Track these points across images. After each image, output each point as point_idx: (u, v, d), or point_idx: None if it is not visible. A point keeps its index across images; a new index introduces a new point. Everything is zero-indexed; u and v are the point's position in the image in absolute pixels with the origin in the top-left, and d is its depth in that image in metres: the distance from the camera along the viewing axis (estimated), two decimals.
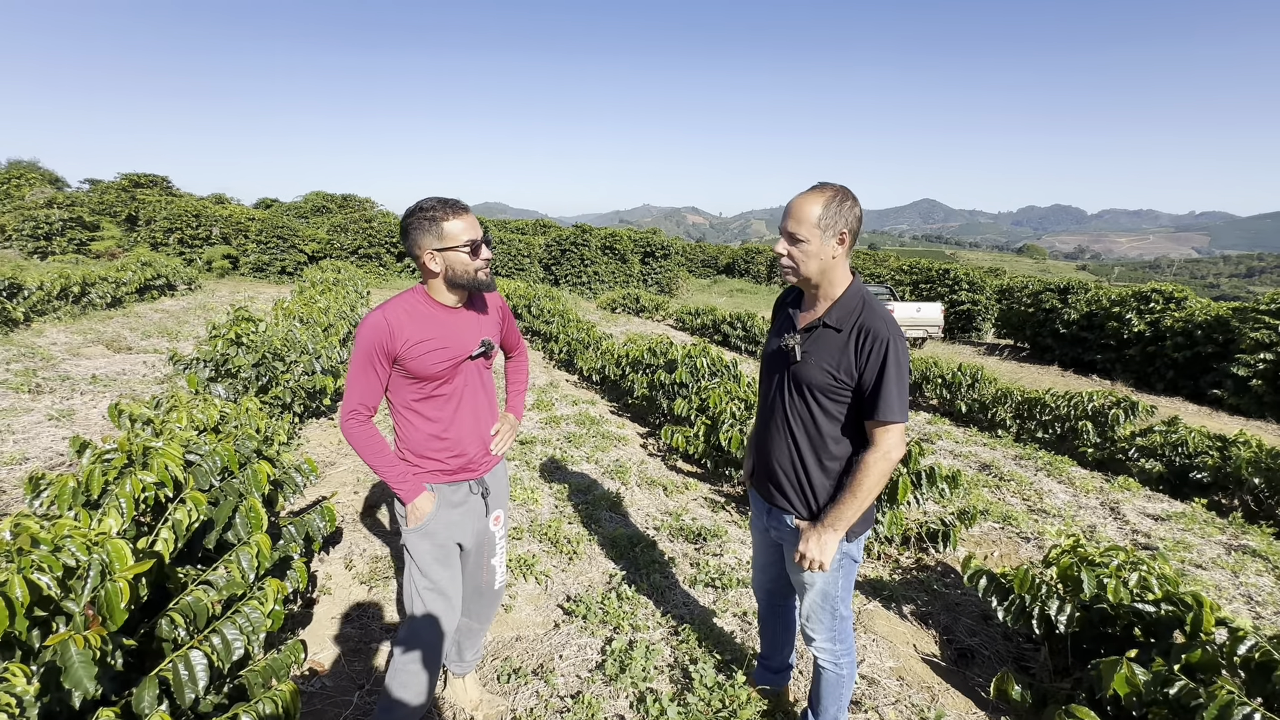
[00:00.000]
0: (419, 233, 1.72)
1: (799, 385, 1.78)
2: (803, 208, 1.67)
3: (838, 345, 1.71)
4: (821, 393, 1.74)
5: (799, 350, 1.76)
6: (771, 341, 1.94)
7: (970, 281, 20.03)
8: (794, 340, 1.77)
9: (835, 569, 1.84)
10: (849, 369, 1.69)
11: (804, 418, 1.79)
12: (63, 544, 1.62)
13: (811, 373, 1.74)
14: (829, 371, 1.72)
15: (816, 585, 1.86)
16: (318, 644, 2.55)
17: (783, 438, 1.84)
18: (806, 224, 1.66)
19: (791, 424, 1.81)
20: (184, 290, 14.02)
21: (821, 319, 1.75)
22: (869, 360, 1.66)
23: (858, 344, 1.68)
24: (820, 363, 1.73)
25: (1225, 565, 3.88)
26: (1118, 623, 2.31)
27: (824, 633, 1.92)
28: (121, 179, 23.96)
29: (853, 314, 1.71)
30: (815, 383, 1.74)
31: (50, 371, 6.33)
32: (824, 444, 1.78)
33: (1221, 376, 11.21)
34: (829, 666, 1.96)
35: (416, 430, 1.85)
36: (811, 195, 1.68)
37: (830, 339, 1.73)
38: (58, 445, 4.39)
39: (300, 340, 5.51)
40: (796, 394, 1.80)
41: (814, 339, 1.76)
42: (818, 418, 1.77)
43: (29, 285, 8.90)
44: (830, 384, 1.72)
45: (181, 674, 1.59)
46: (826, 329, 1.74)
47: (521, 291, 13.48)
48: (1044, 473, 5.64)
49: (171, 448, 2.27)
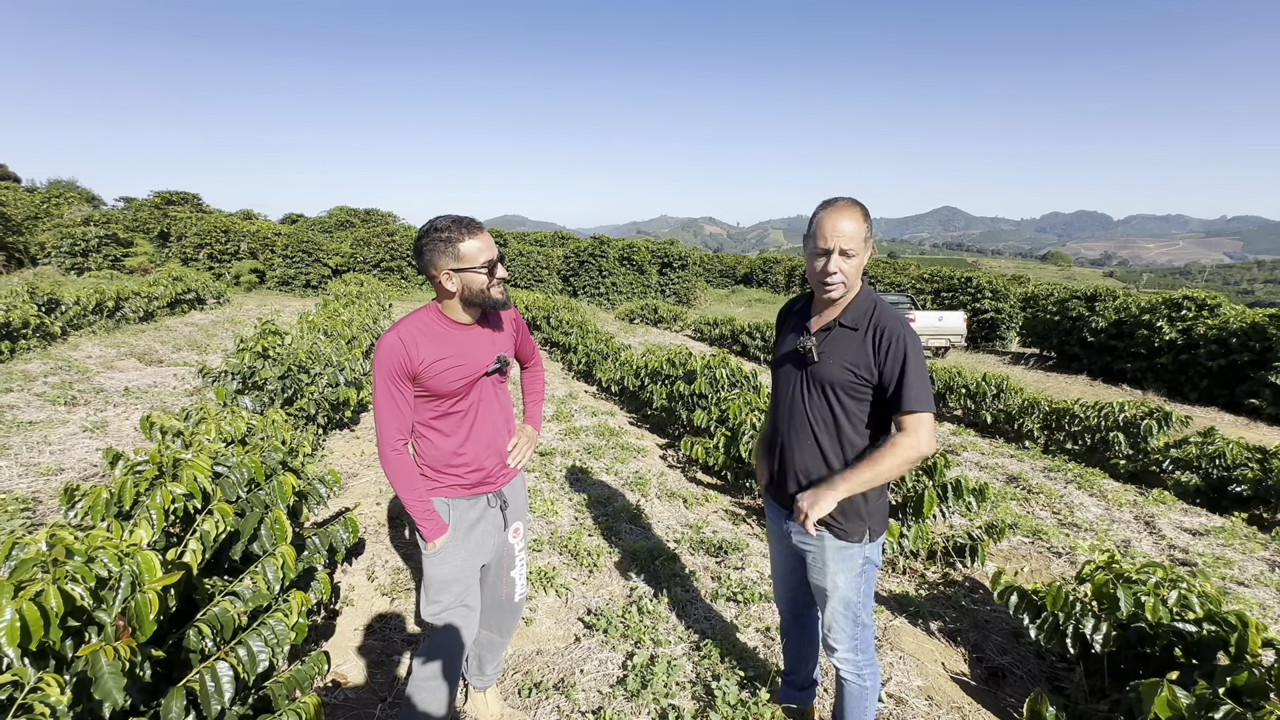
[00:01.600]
0: (435, 253, 1.72)
1: (819, 385, 1.80)
2: (851, 224, 1.69)
3: (855, 343, 1.75)
4: (843, 390, 1.77)
5: (816, 351, 1.79)
6: (783, 346, 1.96)
7: (993, 289, 19.69)
8: (810, 341, 1.80)
9: (856, 574, 1.84)
10: (869, 366, 1.73)
11: (825, 418, 1.81)
12: (96, 555, 1.65)
13: (832, 371, 1.77)
14: (849, 369, 1.75)
15: (839, 591, 1.85)
16: (340, 655, 2.56)
17: (804, 440, 1.84)
18: (856, 239, 1.70)
19: (814, 425, 1.82)
20: (213, 304, 14.37)
21: (837, 320, 1.79)
22: (888, 356, 1.70)
23: (875, 341, 1.72)
24: (840, 361, 1.76)
25: (1269, 583, 3.73)
26: (1157, 643, 2.23)
27: (846, 641, 1.90)
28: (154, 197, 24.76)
29: (866, 314, 1.76)
30: (836, 380, 1.76)
31: (85, 384, 6.51)
32: (847, 444, 1.80)
33: (1259, 385, 10.84)
34: (851, 678, 1.93)
35: (435, 448, 1.86)
36: (851, 212, 1.70)
37: (847, 338, 1.77)
38: (92, 456, 4.50)
39: (324, 353, 5.60)
40: (818, 394, 1.81)
41: (830, 339, 1.80)
42: (839, 417, 1.79)
43: (66, 300, 9.19)
44: (851, 380, 1.75)
45: (208, 686, 1.61)
46: (843, 329, 1.78)
47: (540, 303, 13.58)
48: (1074, 485, 5.49)
49: (200, 460, 2.31)
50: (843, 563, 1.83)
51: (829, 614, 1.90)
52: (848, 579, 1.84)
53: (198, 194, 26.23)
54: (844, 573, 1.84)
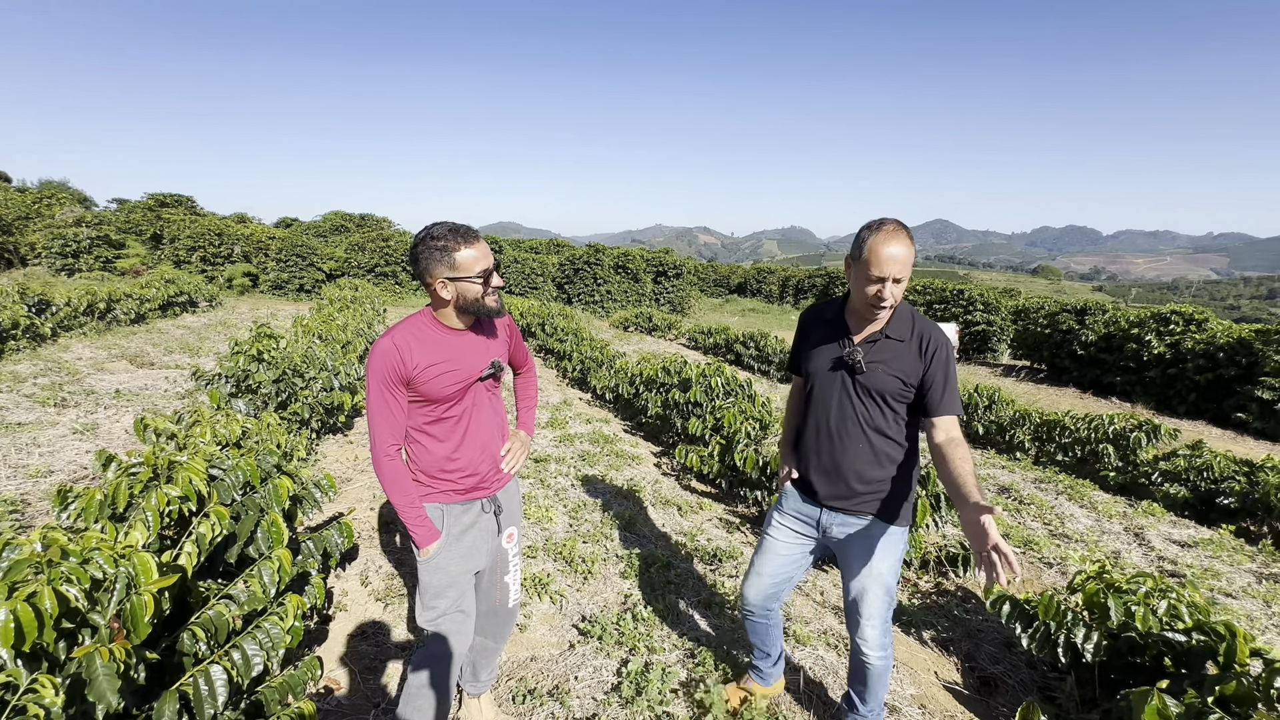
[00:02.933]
0: (430, 261, 1.72)
1: (869, 392, 1.92)
2: (902, 249, 1.76)
3: (902, 353, 1.89)
4: (893, 397, 1.90)
5: (864, 361, 1.90)
6: (819, 354, 2.02)
7: (985, 302, 19.86)
8: (858, 353, 1.91)
9: (898, 558, 2.00)
10: (915, 373, 1.88)
11: (877, 422, 1.93)
12: (90, 556, 1.64)
13: (881, 380, 1.89)
14: (898, 378, 1.88)
15: (882, 577, 1.98)
16: (333, 661, 2.55)
17: (857, 443, 1.95)
18: (907, 266, 1.77)
19: (865, 429, 1.94)
20: (205, 307, 14.28)
21: (883, 331, 1.91)
22: (933, 361, 1.86)
23: (921, 349, 1.87)
24: (890, 370, 1.89)
25: (1256, 594, 3.77)
26: (1147, 652, 2.25)
27: (880, 626, 2.00)
28: (148, 198, 24.62)
29: (910, 325, 1.91)
30: (887, 389, 1.89)
31: (75, 386, 6.45)
32: (892, 443, 1.95)
33: (1245, 400, 10.99)
34: (879, 661, 2.02)
35: (428, 453, 1.86)
36: (901, 238, 1.77)
37: (894, 348, 1.90)
38: (82, 459, 4.45)
39: (319, 357, 5.58)
40: (869, 401, 1.93)
41: (877, 349, 1.91)
42: (890, 420, 1.93)
43: (57, 301, 9.11)
44: (900, 389, 1.89)
45: (202, 689, 1.60)
46: (889, 340, 1.90)
47: (535, 310, 13.58)
48: (1065, 496, 5.54)
49: (195, 462, 2.30)
50: (890, 547, 1.97)
51: (870, 601, 1.98)
52: (891, 563, 1.98)
53: (191, 196, 26.10)
54: (890, 557, 1.98)
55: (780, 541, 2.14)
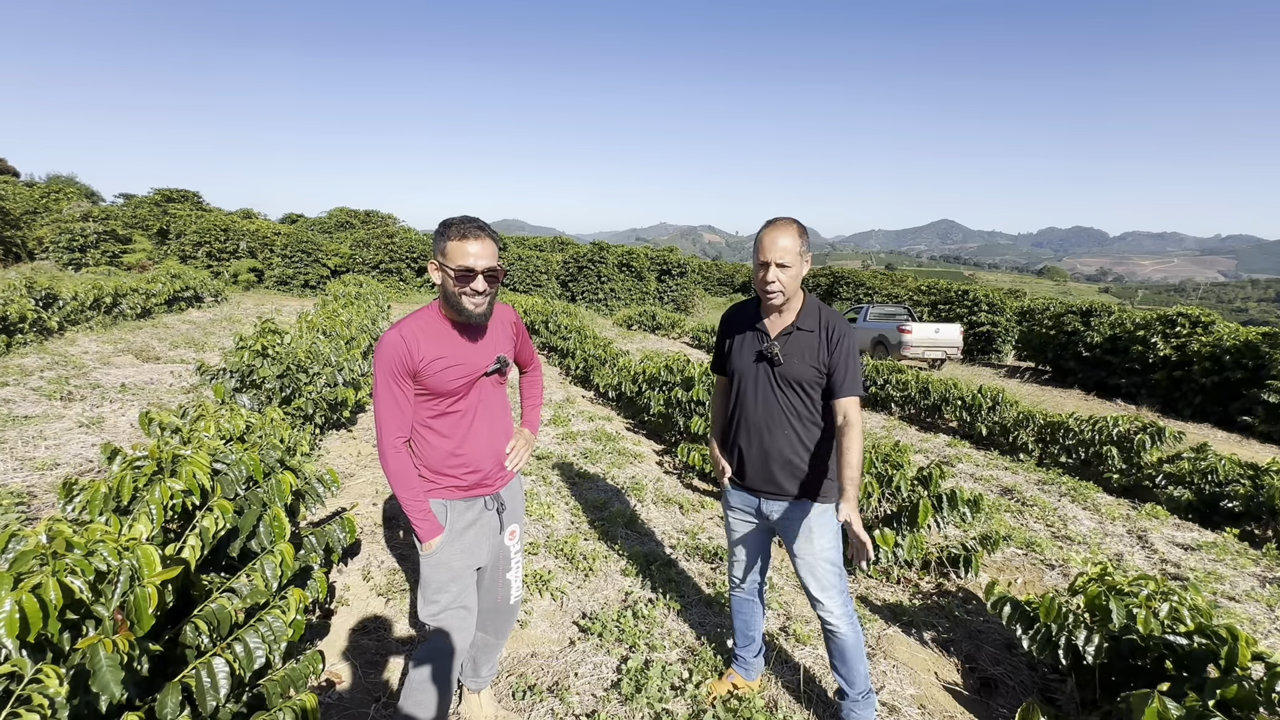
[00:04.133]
0: (434, 242, 1.79)
1: (788, 382, 2.07)
2: (785, 239, 1.96)
3: (813, 343, 2.04)
4: (808, 384, 2.05)
5: (780, 354, 2.05)
6: (741, 349, 2.17)
7: (990, 303, 19.80)
8: (775, 346, 2.06)
9: (835, 532, 2.12)
10: (824, 360, 2.03)
11: (799, 409, 2.08)
12: (95, 548, 1.66)
13: (798, 369, 2.05)
14: (812, 366, 2.04)
15: (825, 553, 2.10)
16: (335, 655, 2.56)
17: (783, 431, 2.09)
18: (791, 253, 1.96)
19: (789, 417, 2.08)
20: (210, 302, 14.35)
21: (795, 324, 2.07)
22: (837, 349, 2.02)
23: (829, 338, 2.03)
24: (804, 360, 2.04)
25: (1259, 598, 3.76)
26: (1148, 655, 2.24)
27: (838, 597, 2.11)
28: (154, 194, 24.74)
29: (817, 316, 2.07)
30: (804, 377, 2.04)
31: (81, 379, 6.49)
32: (814, 428, 2.09)
33: (1252, 403, 10.92)
34: (847, 631, 2.11)
35: (432, 448, 1.86)
36: (787, 229, 1.97)
37: (805, 339, 2.05)
38: (87, 452, 4.49)
39: (323, 352, 5.60)
40: (788, 390, 2.07)
41: (791, 341, 2.07)
42: (808, 406, 2.08)
43: (64, 296, 9.17)
44: (814, 376, 2.04)
45: (204, 681, 1.61)
46: (800, 332, 2.06)
47: (539, 308, 13.59)
48: (1068, 498, 5.52)
49: (200, 456, 2.31)
50: (825, 525, 2.10)
51: (820, 577, 2.10)
52: (831, 539, 2.11)
53: (198, 192, 26.23)
54: (828, 533, 2.10)
55: (739, 532, 2.29)
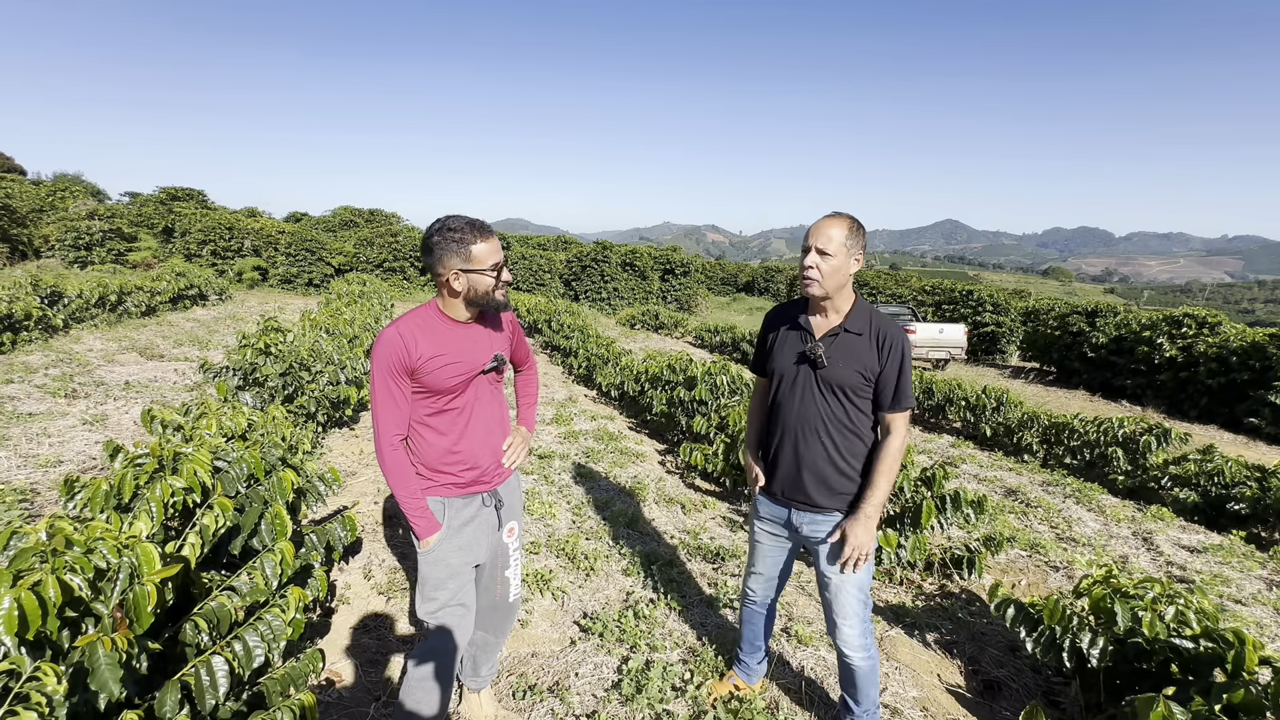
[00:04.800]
0: (445, 253, 1.74)
1: (829, 387, 1.95)
2: (831, 228, 1.88)
3: (861, 347, 1.92)
4: (853, 390, 1.93)
5: (824, 356, 1.92)
6: (782, 351, 2.06)
7: (994, 303, 19.71)
8: (819, 347, 1.93)
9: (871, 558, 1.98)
10: (872, 367, 1.91)
11: (840, 416, 1.96)
12: (95, 546, 1.65)
13: (842, 374, 1.92)
14: (858, 372, 1.91)
15: (856, 579, 1.97)
16: (335, 654, 2.56)
17: (818, 438, 1.97)
18: (835, 242, 1.87)
19: (828, 424, 1.96)
20: (215, 300, 14.39)
21: (843, 326, 1.95)
22: (889, 357, 1.90)
23: (879, 344, 1.91)
24: (849, 364, 1.92)
25: (1266, 601, 3.73)
26: (1153, 658, 2.22)
27: (859, 626, 2.01)
28: (160, 192, 24.82)
29: (868, 320, 1.95)
30: (847, 383, 1.92)
31: (86, 377, 6.51)
32: (854, 438, 1.97)
33: (1258, 404, 10.85)
34: (863, 663, 2.03)
35: (430, 445, 1.86)
36: (837, 220, 1.89)
37: (853, 343, 1.93)
38: (91, 449, 4.50)
39: (326, 351, 5.60)
40: (829, 396, 1.95)
41: (837, 344, 1.94)
42: (851, 415, 1.95)
43: (69, 293, 9.20)
44: (860, 383, 1.92)
45: (204, 679, 1.61)
46: (848, 334, 1.94)
47: (542, 307, 13.59)
48: (1072, 500, 5.49)
49: (201, 454, 2.31)
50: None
51: (844, 602, 1.99)
52: (866, 565, 1.96)
53: (202, 190, 26.29)
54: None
55: (765, 545, 2.19)
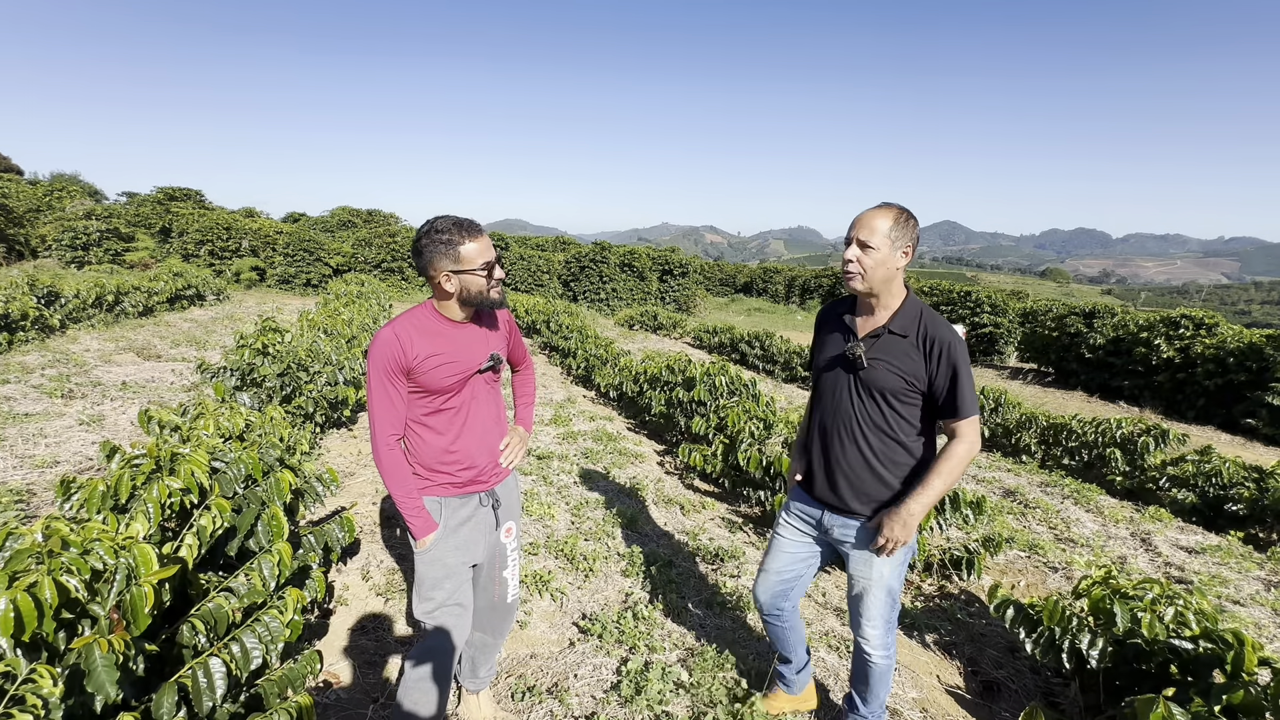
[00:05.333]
0: (434, 255, 1.73)
1: (869, 390, 1.84)
2: (875, 219, 1.76)
3: (905, 350, 1.80)
4: (894, 395, 1.82)
5: (865, 357, 1.82)
6: (826, 349, 1.97)
7: (992, 304, 19.75)
8: (859, 348, 1.83)
9: (900, 562, 1.93)
10: (918, 373, 1.79)
11: (878, 421, 1.85)
12: (91, 547, 1.65)
13: (882, 377, 1.81)
14: (900, 375, 1.80)
15: (883, 580, 1.92)
16: (333, 655, 2.55)
17: (854, 443, 1.89)
18: (879, 234, 1.75)
19: (865, 428, 1.87)
20: (212, 301, 14.35)
21: (886, 326, 1.83)
22: (940, 364, 1.77)
23: (926, 349, 1.78)
24: (890, 368, 1.81)
25: (1265, 602, 3.73)
26: (1153, 659, 2.22)
27: (881, 627, 1.97)
28: (157, 192, 24.76)
29: (916, 321, 1.81)
30: (887, 386, 1.81)
31: (83, 377, 6.49)
32: (898, 446, 1.86)
33: (1256, 405, 10.88)
34: (880, 660, 2.00)
35: (426, 445, 1.86)
36: (883, 210, 1.77)
37: (897, 344, 1.81)
38: (88, 450, 4.48)
39: (324, 351, 5.59)
40: (868, 398, 1.85)
41: (880, 345, 1.83)
42: (891, 420, 1.84)
43: (66, 293, 9.17)
44: (902, 387, 1.80)
45: (201, 681, 1.60)
46: (892, 335, 1.82)
47: (540, 307, 13.58)
48: (1071, 500, 5.49)
49: (198, 455, 2.30)
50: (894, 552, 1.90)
51: (870, 603, 1.95)
52: (893, 567, 1.92)
53: (200, 190, 26.25)
54: (893, 560, 1.91)
55: (786, 539, 2.12)
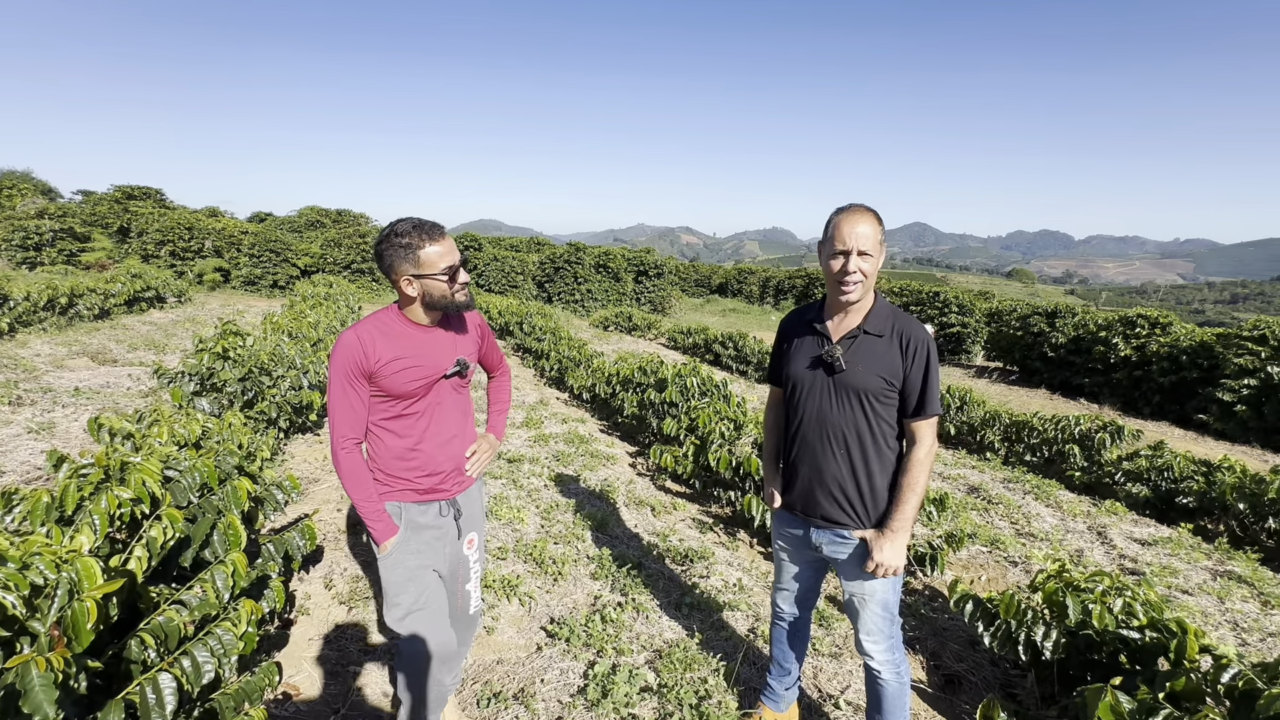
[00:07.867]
0: (395, 259, 1.71)
1: (849, 392, 1.81)
2: (867, 226, 1.72)
3: (883, 349, 1.79)
4: (874, 396, 1.79)
5: (843, 360, 1.79)
6: (798, 357, 1.92)
7: (960, 304, 20.21)
8: (836, 350, 1.80)
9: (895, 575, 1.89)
10: (895, 372, 1.78)
11: (858, 425, 1.82)
12: (31, 561, 1.59)
13: (862, 378, 1.79)
14: (880, 375, 1.78)
15: (877, 596, 1.88)
16: (294, 666, 2.49)
17: (836, 450, 1.85)
18: (873, 241, 1.72)
19: (845, 434, 1.83)
20: (174, 303, 13.93)
21: (861, 327, 1.81)
22: (914, 361, 1.76)
23: (902, 346, 1.77)
24: (870, 368, 1.78)
25: (1211, 591, 3.88)
26: (1104, 649, 2.30)
27: (884, 641, 1.93)
28: (115, 191, 23.91)
29: (889, 320, 1.81)
30: (867, 387, 1.79)
31: (32, 383, 6.24)
32: (880, 449, 1.83)
33: (1207, 402, 11.32)
34: (891, 679, 1.94)
35: (387, 449, 1.83)
36: (867, 216, 1.73)
37: (874, 345, 1.80)
38: (36, 459, 4.31)
39: (288, 355, 5.47)
40: (849, 402, 1.82)
41: (857, 347, 1.81)
42: (873, 423, 1.81)
43: (15, 296, 8.81)
44: (881, 387, 1.78)
45: (149, 698, 1.55)
46: (868, 335, 1.81)
47: (514, 309, 13.48)
48: (1032, 496, 5.65)
49: (150, 463, 2.24)
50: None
51: (867, 618, 1.91)
52: (888, 582, 1.88)
53: (160, 189, 25.40)
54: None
55: (787, 561, 2.11)
